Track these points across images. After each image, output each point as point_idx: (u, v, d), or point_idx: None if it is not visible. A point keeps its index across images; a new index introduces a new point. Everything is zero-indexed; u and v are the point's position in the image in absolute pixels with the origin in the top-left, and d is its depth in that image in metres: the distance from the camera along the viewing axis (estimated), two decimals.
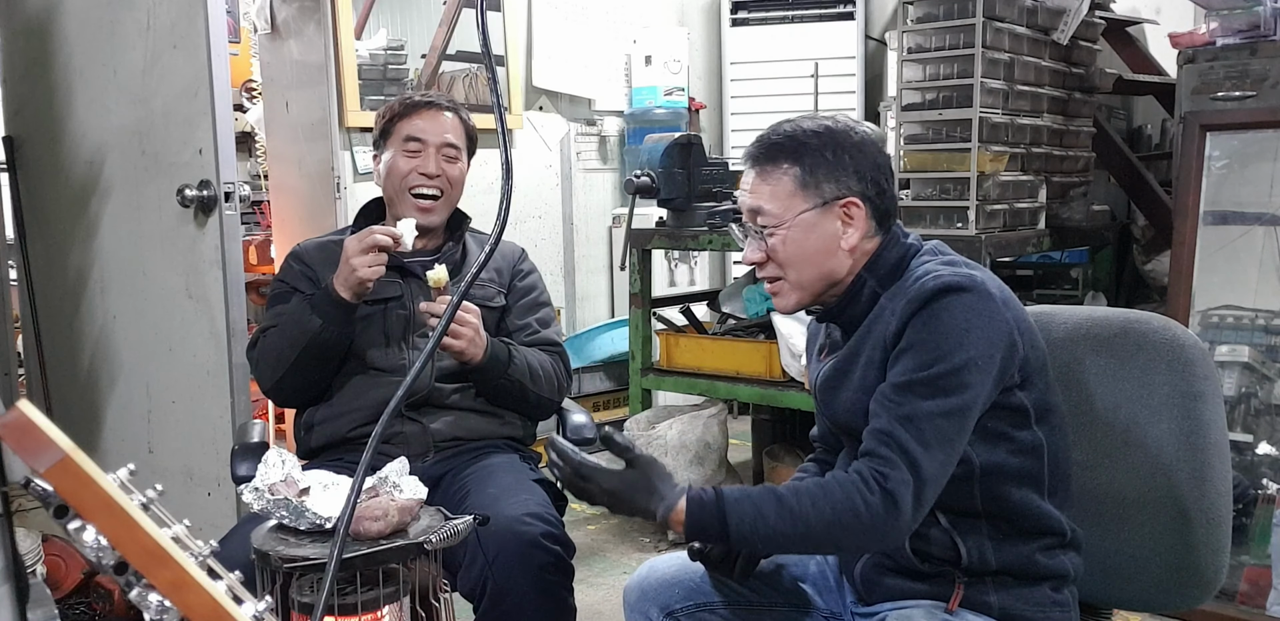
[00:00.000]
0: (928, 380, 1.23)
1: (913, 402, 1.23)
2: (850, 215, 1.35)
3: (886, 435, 1.23)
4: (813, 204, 1.34)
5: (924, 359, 1.24)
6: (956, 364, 1.23)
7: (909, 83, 2.78)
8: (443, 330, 1.12)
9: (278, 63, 3.40)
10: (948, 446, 1.23)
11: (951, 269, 1.30)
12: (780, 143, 1.36)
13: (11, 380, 3.04)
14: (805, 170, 1.34)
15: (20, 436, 0.70)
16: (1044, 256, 3.62)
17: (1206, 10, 2.65)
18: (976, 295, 1.26)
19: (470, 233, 2.04)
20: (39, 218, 2.89)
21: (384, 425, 1.05)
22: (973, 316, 1.25)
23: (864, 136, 1.38)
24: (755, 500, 1.24)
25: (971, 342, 1.24)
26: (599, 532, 3.18)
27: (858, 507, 1.20)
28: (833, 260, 1.36)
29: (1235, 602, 2.36)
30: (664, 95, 4.23)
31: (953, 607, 1.31)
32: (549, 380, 1.94)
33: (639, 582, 1.52)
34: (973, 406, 1.24)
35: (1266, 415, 2.46)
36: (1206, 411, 1.41)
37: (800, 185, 1.34)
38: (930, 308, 1.25)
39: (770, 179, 1.36)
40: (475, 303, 1.89)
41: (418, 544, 1.32)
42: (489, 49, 1.15)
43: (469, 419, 1.90)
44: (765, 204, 1.35)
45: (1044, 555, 1.33)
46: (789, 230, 1.34)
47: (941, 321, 1.25)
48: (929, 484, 1.22)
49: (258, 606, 0.80)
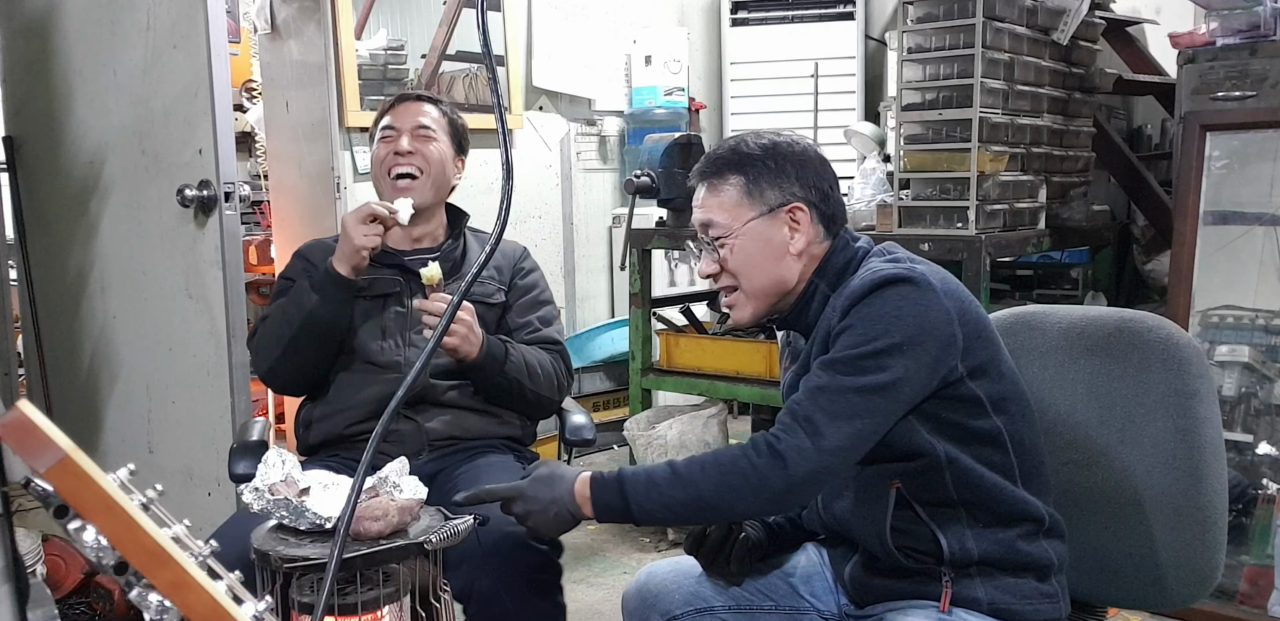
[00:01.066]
0: (848, 359, 1.27)
1: (828, 377, 1.27)
2: (796, 220, 1.39)
3: (795, 404, 1.28)
4: (759, 211, 1.39)
5: (851, 341, 1.28)
6: (880, 346, 1.26)
7: (909, 83, 2.78)
8: (443, 330, 1.12)
9: (278, 63, 3.40)
10: (856, 421, 1.25)
11: (894, 264, 1.33)
12: (725, 157, 1.42)
13: (11, 380, 3.04)
14: (749, 179, 1.39)
15: (20, 436, 0.70)
16: (1044, 256, 3.62)
17: (1206, 10, 2.65)
18: (914, 285, 1.28)
19: (471, 231, 2.05)
20: (39, 218, 2.89)
21: (384, 425, 1.05)
22: (905, 304, 1.27)
23: (806, 148, 1.43)
24: (650, 473, 1.29)
25: (900, 328, 1.26)
26: (599, 532, 3.18)
27: (744, 469, 1.25)
28: (782, 265, 1.39)
29: (1235, 602, 2.37)
30: (664, 95, 4.23)
31: (944, 607, 1.31)
32: (548, 378, 1.93)
33: (638, 589, 1.52)
34: (891, 387, 1.25)
35: (1266, 415, 2.46)
36: (1202, 409, 1.41)
37: (745, 194, 1.39)
38: (868, 297, 1.29)
39: (717, 191, 1.41)
40: (474, 300, 1.90)
41: (418, 544, 1.32)
42: (489, 49, 1.15)
43: (465, 417, 1.90)
44: (714, 216, 1.41)
45: (1025, 542, 1.34)
46: (738, 239, 1.39)
47: (873, 308, 1.28)
48: (828, 453, 1.24)
49: (258, 606, 0.80)
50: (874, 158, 3.30)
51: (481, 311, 1.90)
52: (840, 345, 1.29)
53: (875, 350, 1.25)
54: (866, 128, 3.66)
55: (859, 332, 1.27)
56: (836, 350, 1.29)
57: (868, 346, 1.26)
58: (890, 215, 2.83)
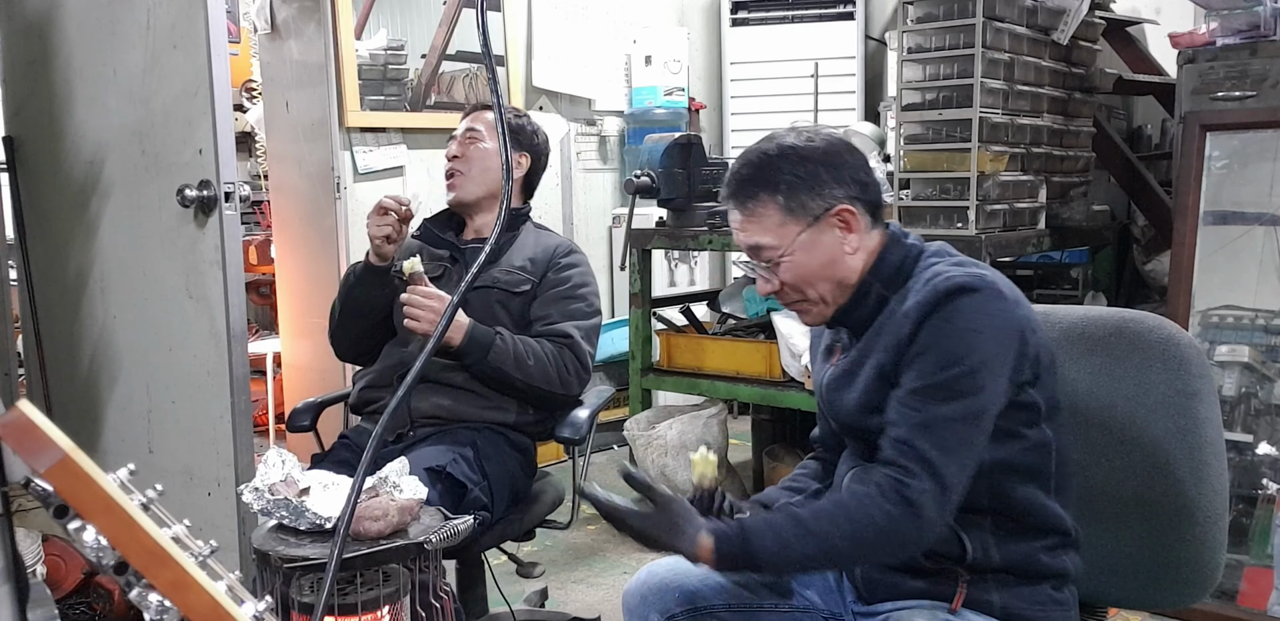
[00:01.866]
0: (943, 384, 1.24)
1: (929, 408, 1.24)
2: (845, 221, 1.35)
3: (905, 444, 1.24)
4: (805, 224, 1.35)
5: (938, 362, 1.25)
6: (970, 366, 1.24)
7: (909, 83, 2.78)
8: (443, 330, 1.12)
9: (278, 63, 3.40)
10: (966, 450, 1.24)
11: (961, 269, 1.30)
12: (750, 176, 1.37)
13: (11, 380, 3.04)
14: (785, 195, 1.34)
15: (20, 436, 0.70)
16: (1044, 256, 3.62)
17: (1206, 10, 2.65)
18: (987, 295, 1.27)
19: (536, 227, 2.23)
20: (39, 218, 2.89)
21: (383, 426, 1.05)
22: (984, 317, 1.25)
23: (828, 140, 1.38)
24: (777, 528, 1.25)
25: (984, 344, 1.25)
26: (599, 532, 3.18)
27: (877, 520, 1.22)
28: (842, 267, 1.37)
29: (1235, 602, 2.37)
30: (664, 95, 4.23)
31: (956, 607, 1.31)
32: (541, 370, 1.96)
33: (638, 587, 1.52)
34: (989, 408, 1.25)
35: (1266, 415, 2.46)
36: (1202, 409, 1.41)
37: (785, 211, 1.34)
38: (942, 310, 1.26)
39: (755, 214, 1.36)
40: (500, 289, 2.06)
41: (418, 544, 1.32)
42: (489, 49, 1.15)
43: (458, 397, 1.97)
44: (760, 239, 1.36)
45: (1047, 555, 1.33)
46: (792, 256, 1.35)
47: (954, 324, 1.25)
48: (951, 490, 1.23)
49: (258, 606, 0.80)
50: (874, 158, 3.29)
51: (504, 298, 2.04)
52: (926, 367, 1.26)
53: (964, 373, 1.24)
54: (866, 128, 3.66)
55: (944, 353, 1.25)
56: (924, 374, 1.26)
57: (956, 369, 1.24)
58: (890, 215, 2.83)
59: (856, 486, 1.27)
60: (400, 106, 3.54)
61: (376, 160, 3.43)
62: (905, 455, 1.24)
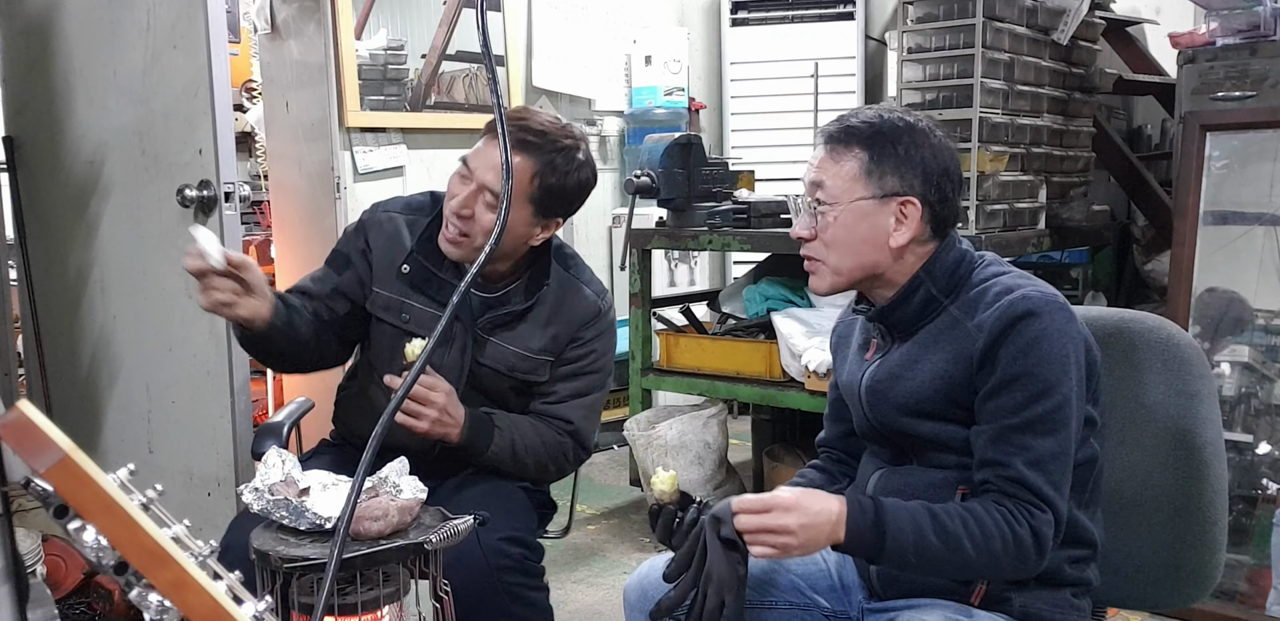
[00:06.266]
0: (1041, 418, 1.25)
1: (1036, 445, 1.25)
2: (905, 214, 1.34)
3: (1021, 483, 1.25)
4: (871, 194, 1.33)
5: (1032, 395, 1.26)
6: (1064, 396, 1.26)
7: (909, 83, 2.78)
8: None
9: (278, 63, 3.40)
10: (1067, 481, 1.27)
11: (1029, 284, 1.31)
12: (858, 127, 1.36)
13: (11, 380, 3.04)
14: (873, 158, 1.33)
15: (20, 436, 0.70)
16: (1044, 256, 3.62)
17: (1206, 10, 2.65)
18: (1063, 315, 1.28)
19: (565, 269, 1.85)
20: (39, 218, 2.89)
21: (383, 425, 1.05)
22: (1065, 341, 1.27)
23: (941, 141, 1.38)
24: (912, 513, 1.24)
25: (1071, 371, 1.26)
26: (599, 532, 3.18)
27: (1009, 538, 1.23)
28: (877, 254, 1.35)
29: (1235, 602, 2.37)
30: (664, 95, 4.23)
31: (976, 601, 1.31)
32: (539, 464, 1.82)
33: (639, 582, 1.52)
34: (1076, 431, 1.28)
35: (1266, 415, 2.46)
36: (1202, 409, 1.41)
37: (865, 172, 1.33)
38: (1025, 334, 1.26)
39: (838, 158, 1.35)
40: (518, 378, 1.81)
41: (418, 544, 1.32)
42: (489, 49, 1.15)
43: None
44: (827, 179, 1.35)
45: (1072, 566, 1.34)
46: (841, 213, 1.34)
47: (1041, 351, 1.26)
48: (1063, 523, 1.26)
49: (258, 606, 0.80)
50: None
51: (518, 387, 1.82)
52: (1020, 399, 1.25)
53: (1059, 404, 1.25)
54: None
55: (1038, 383, 1.25)
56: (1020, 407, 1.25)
57: (1050, 401, 1.25)
58: None
59: (976, 505, 1.26)
60: (400, 106, 3.54)
61: (376, 160, 3.43)
62: (1024, 492, 1.25)
